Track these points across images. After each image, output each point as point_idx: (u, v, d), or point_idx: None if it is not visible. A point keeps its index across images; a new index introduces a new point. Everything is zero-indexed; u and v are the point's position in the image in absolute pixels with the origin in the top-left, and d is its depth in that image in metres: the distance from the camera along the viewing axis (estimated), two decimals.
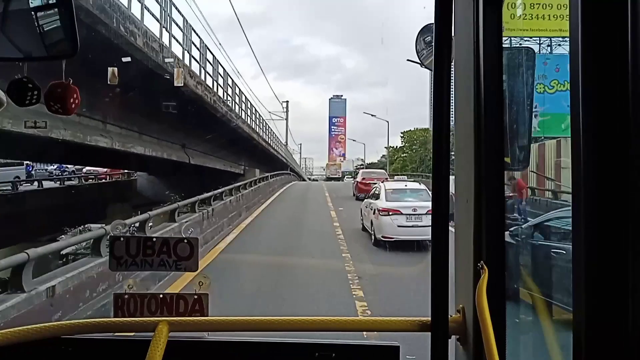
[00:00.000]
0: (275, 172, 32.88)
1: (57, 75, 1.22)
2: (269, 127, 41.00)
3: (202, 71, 17.53)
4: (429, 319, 1.25)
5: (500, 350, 1.15)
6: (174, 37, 14.98)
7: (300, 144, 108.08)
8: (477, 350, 1.23)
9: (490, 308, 1.17)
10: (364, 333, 1.51)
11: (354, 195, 24.58)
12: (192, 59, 16.51)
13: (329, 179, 76.41)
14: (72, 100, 1.22)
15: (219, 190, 15.47)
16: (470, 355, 1.27)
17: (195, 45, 17.25)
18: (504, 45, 1.25)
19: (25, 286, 5.48)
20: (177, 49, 14.91)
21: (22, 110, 7.96)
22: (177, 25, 15.29)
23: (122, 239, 1.53)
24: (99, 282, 6.88)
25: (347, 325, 1.39)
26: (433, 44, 1.17)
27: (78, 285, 6.45)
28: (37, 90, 1.19)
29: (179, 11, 15.50)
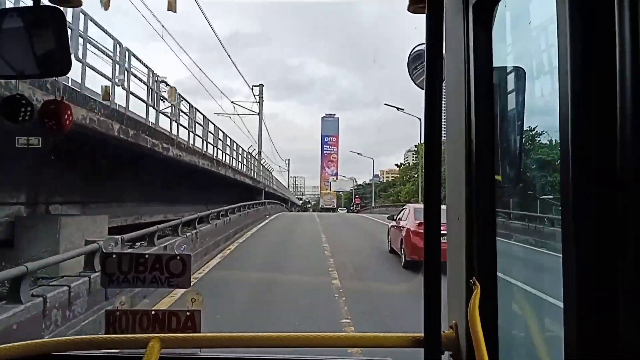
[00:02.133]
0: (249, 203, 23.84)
1: None
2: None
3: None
4: (422, 334, 1.25)
5: None
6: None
7: (289, 160, 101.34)
8: None
9: (482, 324, 1.17)
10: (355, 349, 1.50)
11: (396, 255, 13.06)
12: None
13: (322, 209, 74.99)
14: (66, 116, 1.22)
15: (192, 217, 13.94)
16: None
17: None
18: (494, 65, 1.27)
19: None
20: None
21: None
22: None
23: (114, 255, 1.52)
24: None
25: (338, 342, 1.38)
26: (424, 63, 1.19)
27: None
28: (30, 107, 1.19)
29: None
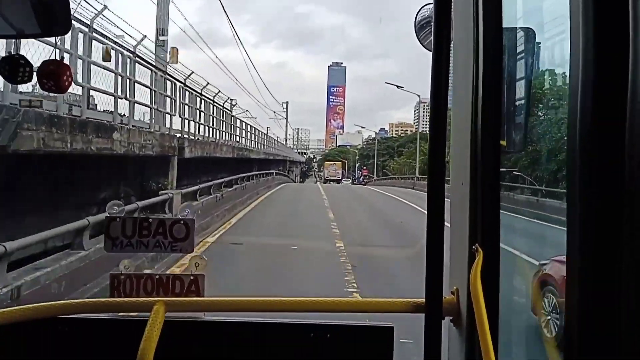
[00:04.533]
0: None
1: None
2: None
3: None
4: (423, 300, 1.26)
5: (493, 331, 1.16)
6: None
7: (287, 103, 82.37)
8: (470, 331, 1.25)
9: (484, 290, 1.18)
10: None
11: None
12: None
13: (326, 180, 69.11)
14: (65, 77, 1.20)
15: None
16: (464, 337, 1.28)
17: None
18: (504, 26, 1.24)
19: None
20: None
21: None
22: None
23: (118, 219, 1.52)
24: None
25: (341, 307, 1.40)
26: (432, 24, 1.16)
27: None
28: (30, 67, 1.17)
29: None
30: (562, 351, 1.02)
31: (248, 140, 33.10)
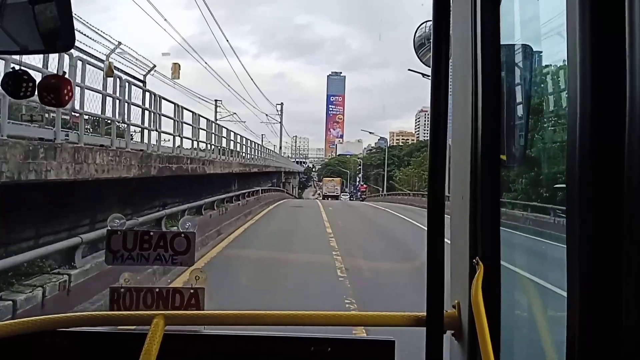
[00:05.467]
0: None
1: None
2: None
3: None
4: (425, 314, 1.25)
5: (495, 345, 1.16)
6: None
7: (281, 105, 71.14)
8: (472, 345, 1.24)
9: (485, 303, 1.17)
10: (359, 328, 1.51)
11: None
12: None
13: (325, 196, 64.98)
14: (65, 91, 1.21)
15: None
16: (465, 350, 1.28)
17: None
18: (502, 43, 1.25)
19: None
20: None
21: None
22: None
23: (119, 232, 1.53)
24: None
25: (342, 320, 1.39)
26: (431, 40, 1.18)
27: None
28: (32, 83, 1.18)
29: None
30: None
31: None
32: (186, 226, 1.56)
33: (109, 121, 11.33)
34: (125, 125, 11.91)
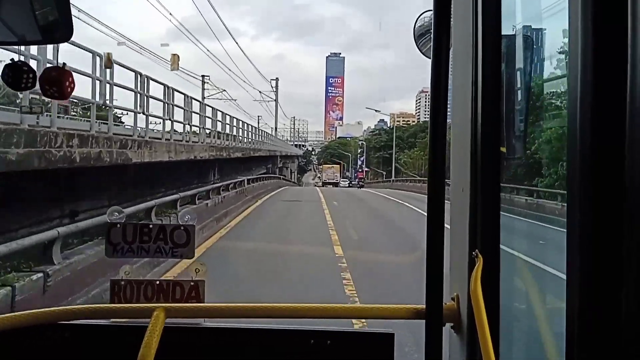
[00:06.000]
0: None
1: None
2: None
3: None
4: (424, 306, 1.25)
5: (494, 338, 1.16)
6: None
7: (276, 80, 70.44)
8: (471, 337, 1.24)
9: (484, 296, 1.18)
10: (358, 320, 1.52)
11: None
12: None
13: (325, 183, 64.59)
14: (67, 84, 1.21)
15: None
16: (464, 343, 1.28)
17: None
18: (502, 33, 1.24)
19: None
20: None
21: None
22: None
23: (118, 225, 1.53)
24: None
25: (342, 313, 1.39)
26: (431, 31, 1.17)
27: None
28: (33, 74, 1.17)
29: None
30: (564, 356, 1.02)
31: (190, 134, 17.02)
32: (185, 219, 1.56)
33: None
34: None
